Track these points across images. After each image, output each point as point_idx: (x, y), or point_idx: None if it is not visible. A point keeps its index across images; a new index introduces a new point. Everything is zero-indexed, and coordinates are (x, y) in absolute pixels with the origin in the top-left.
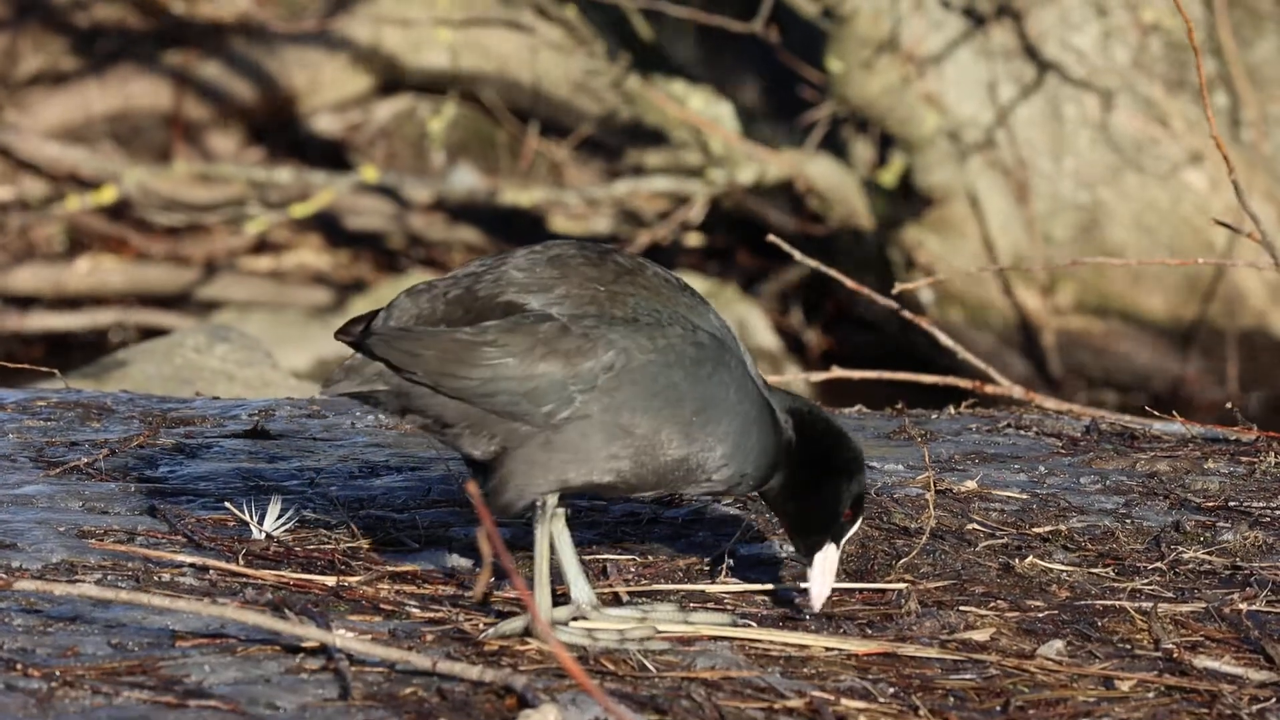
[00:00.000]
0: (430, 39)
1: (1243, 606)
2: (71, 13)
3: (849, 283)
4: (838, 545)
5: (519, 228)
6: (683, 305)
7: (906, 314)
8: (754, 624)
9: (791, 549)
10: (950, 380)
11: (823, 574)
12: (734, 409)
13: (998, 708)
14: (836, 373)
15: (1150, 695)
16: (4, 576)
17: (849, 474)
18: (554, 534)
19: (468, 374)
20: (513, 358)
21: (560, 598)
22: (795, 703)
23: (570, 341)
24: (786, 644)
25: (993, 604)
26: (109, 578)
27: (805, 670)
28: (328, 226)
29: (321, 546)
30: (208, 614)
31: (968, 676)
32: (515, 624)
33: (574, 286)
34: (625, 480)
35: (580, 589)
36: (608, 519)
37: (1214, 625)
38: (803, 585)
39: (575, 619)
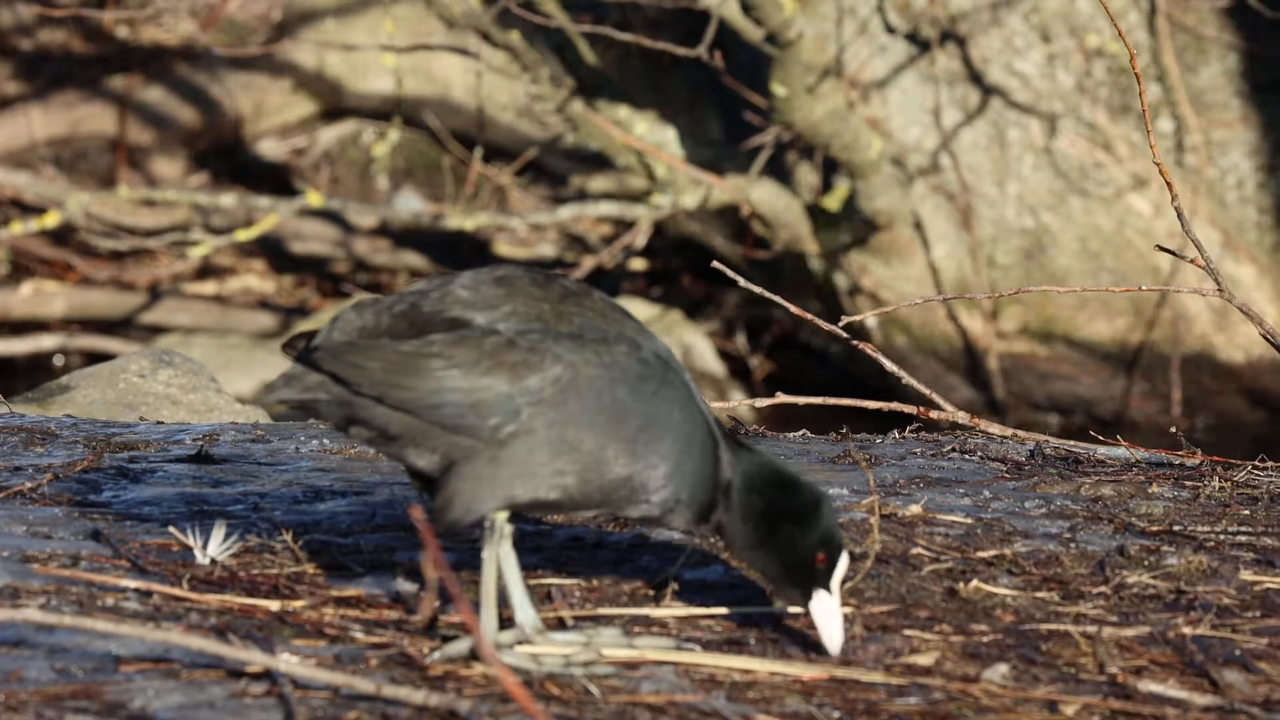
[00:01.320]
0: (375, 64)
1: (1187, 631)
2: (15, 37)
3: (794, 309)
4: (829, 590)
5: (464, 252)
6: (629, 327)
7: (851, 340)
8: (699, 648)
9: (746, 573)
10: (894, 406)
11: (827, 624)
12: (677, 428)
13: None
14: (781, 398)
15: (1095, 719)
16: None
17: (799, 520)
18: (500, 557)
19: (413, 386)
20: (458, 369)
21: (505, 621)
22: None
23: (516, 354)
24: (731, 668)
25: (937, 628)
26: (53, 602)
27: (750, 695)
28: (272, 251)
29: (266, 571)
30: (152, 639)
31: (913, 700)
32: (460, 646)
33: (520, 304)
34: (571, 497)
35: (525, 613)
36: (552, 543)
37: (1159, 649)
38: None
39: (520, 643)
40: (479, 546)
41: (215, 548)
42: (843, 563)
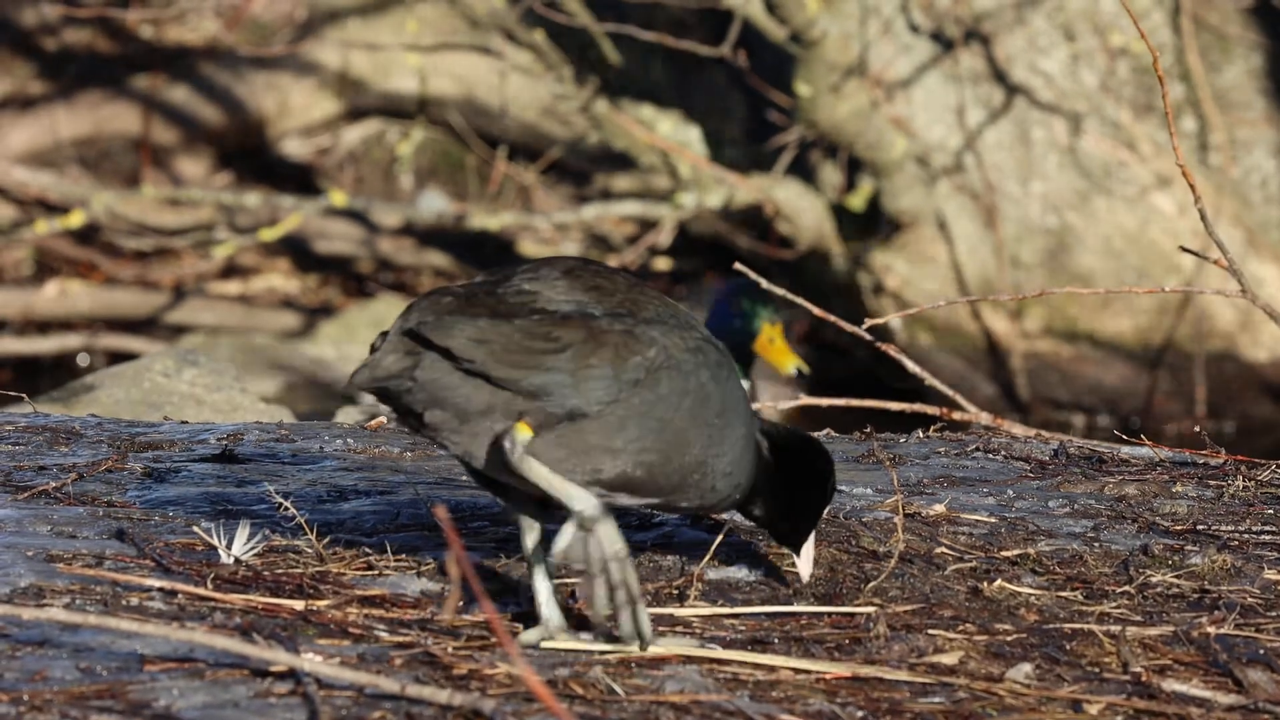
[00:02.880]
0: (399, 63)
1: (1211, 630)
2: (40, 37)
3: (816, 310)
4: (816, 531)
5: (488, 252)
6: (689, 316)
7: (874, 342)
8: (718, 647)
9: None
10: (918, 407)
11: (807, 559)
12: (743, 416)
13: None
14: (805, 399)
15: (1119, 718)
16: None
17: (823, 478)
18: (529, 554)
19: (528, 363)
20: (568, 349)
21: (532, 619)
22: None
23: (618, 336)
24: (755, 667)
25: (961, 627)
26: (77, 602)
27: (774, 694)
28: (296, 250)
29: (290, 570)
30: (176, 638)
31: (936, 700)
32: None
33: (596, 294)
34: (652, 477)
35: (551, 610)
36: None
37: (1182, 649)
38: (788, 571)
39: (544, 640)
40: (508, 543)
41: (239, 547)
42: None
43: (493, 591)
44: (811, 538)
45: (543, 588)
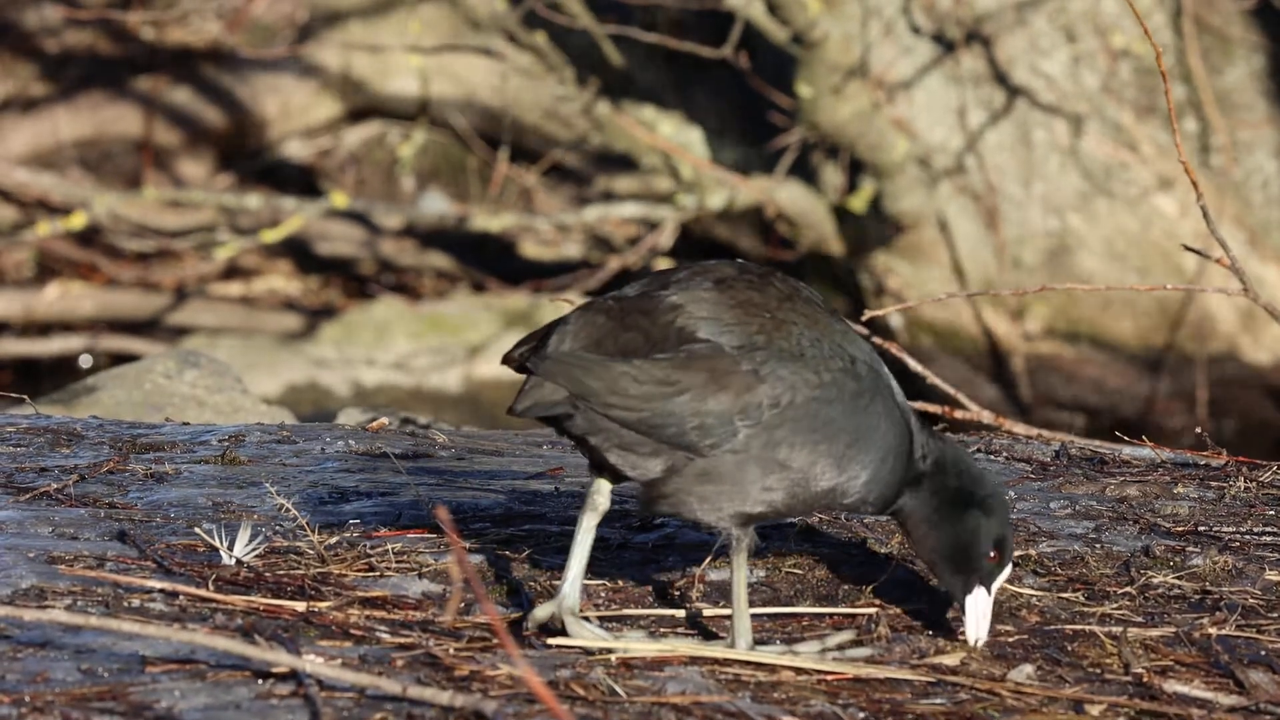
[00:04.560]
0: (400, 65)
1: (1212, 631)
2: (41, 38)
3: None
4: (988, 591)
5: (490, 253)
6: (837, 333)
7: (876, 339)
8: (720, 647)
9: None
10: (920, 406)
11: (976, 620)
12: (882, 439)
13: None
14: None
15: (1120, 719)
16: None
17: (986, 511)
18: (581, 530)
19: (640, 407)
20: (686, 393)
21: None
22: None
23: (741, 379)
24: (757, 668)
25: (963, 628)
26: (79, 603)
27: (775, 695)
28: (298, 252)
29: (291, 572)
30: (178, 639)
31: (938, 701)
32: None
33: (742, 312)
34: (775, 510)
35: (573, 590)
36: None
37: (1184, 650)
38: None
39: (553, 617)
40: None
41: (241, 548)
42: (1006, 570)
43: (494, 593)
44: (979, 596)
45: (576, 565)
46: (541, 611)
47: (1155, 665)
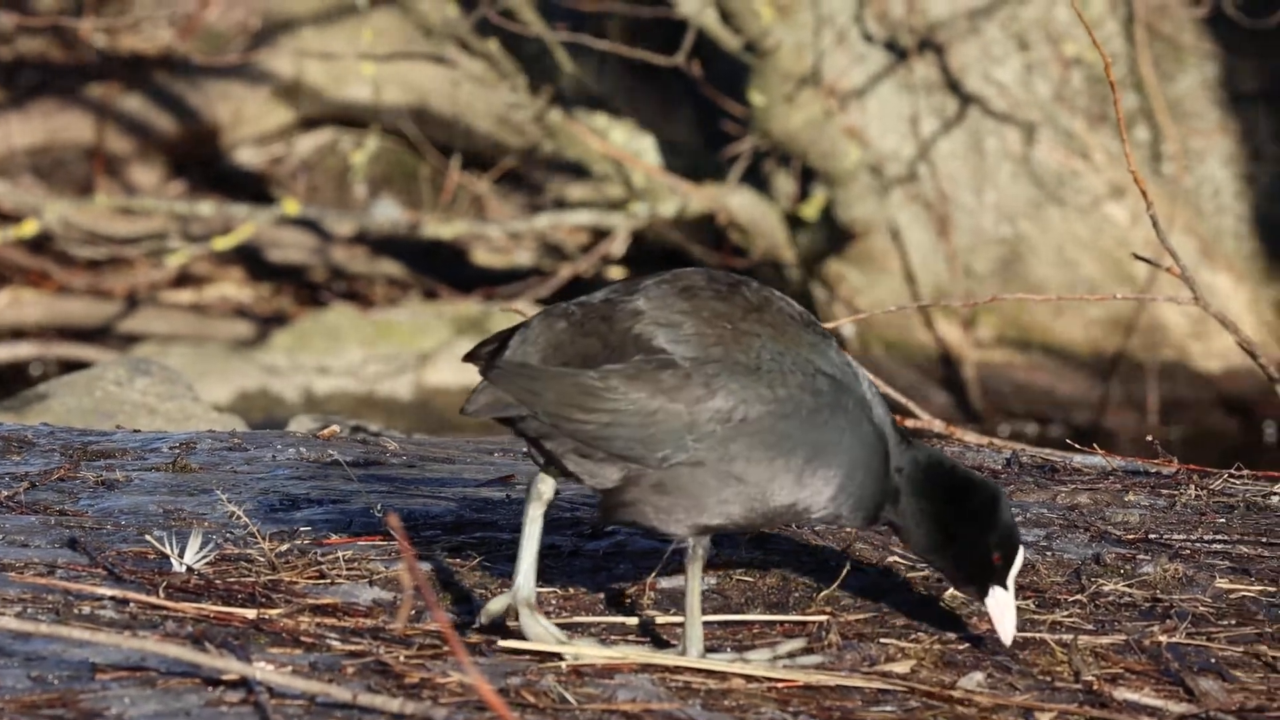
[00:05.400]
0: (353, 72)
1: (1163, 639)
2: None
3: None
4: (1005, 587)
5: (442, 260)
6: (805, 345)
7: None
8: (672, 655)
9: None
10: None
11: (1000, 616)
12: (846, 452)
13: None
14: None
15: None
16: None
17: (976, 517)
18: (529, 517)
19: (587, 418)
20: (632, 406)
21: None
22: None
23: (691, 391)
24: (708, 675)
25: (913, 636)
26: (29, 610)
27: (726, 703)
28: (250, 259)
29: (242, 579)
30: (128, 647)
31: (889, 708)
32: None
33: (702, 324)
34: (734, 523)
35: (526, 582)
36: None
37: (1134, 657)
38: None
39: (509, 610)
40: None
41: (192, 556)
42: (1019, 560)
43: (445, 600)
44: (997, 594)
45: (527, 556)
46: (496, 604)
47: (1105, 673)
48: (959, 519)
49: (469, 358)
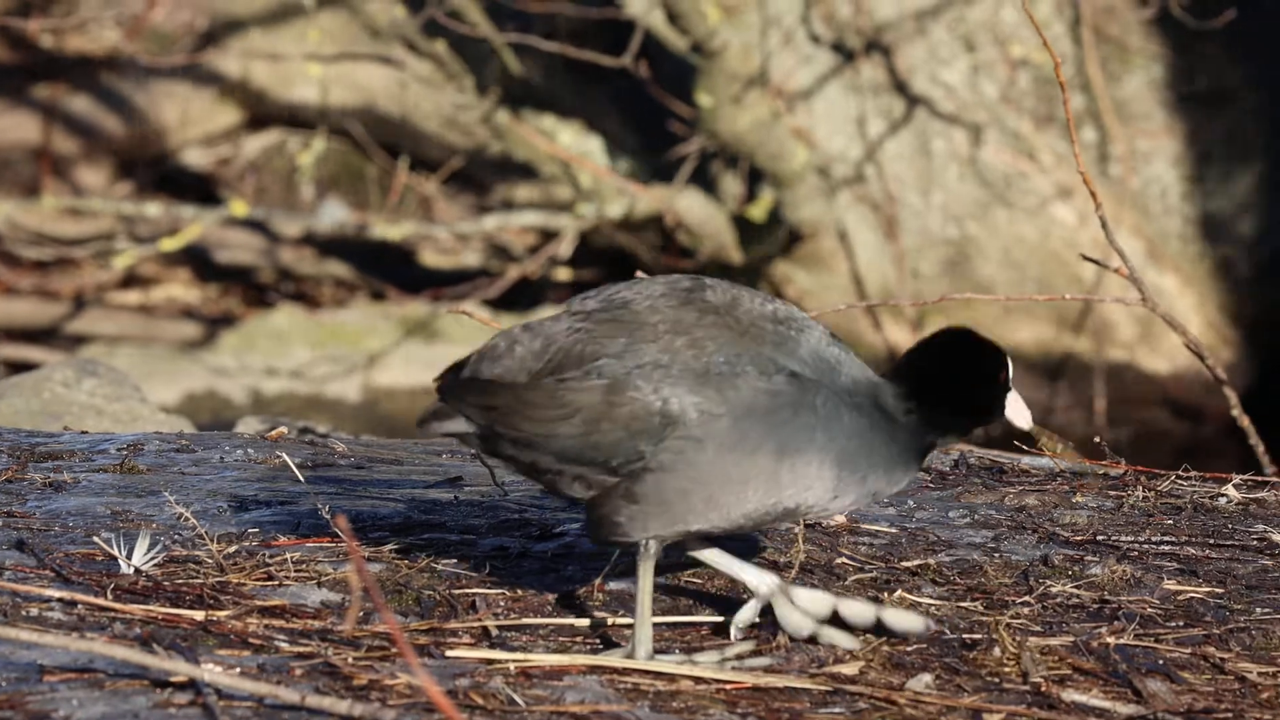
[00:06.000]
0: (300, 73)
1: (1110, 640)
2: None
3: None
4: (1011, 389)
5: (389, 262)
6: (769, 343)
7: None
8: (619, 657)
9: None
10: None
11: (1019, 413)
12: (824, 448)
13: None
14: None
15: None
16: None
17: (982, 366)
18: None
19: (535, 429)
20: (575, 416)
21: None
22: None
23: (633, 397)
24: (656, 677)
25: (861, 637)
26: None
27: (674, 704)
28: (197, 261)
29: (190, 581)
30: (76, 648)
31: (837, 710)
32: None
33: (653, 333)
34: (716, 526)
35: (752, 575)
36: (476, 552)
37: (1082, 659)
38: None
39: (767, 606)
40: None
41: (140, 557)
42: (1010, 364)
43: (393, 602)
44: (1013, 397)
45: (730, 564)
46: (746, 613)
47: (1054, 674)
48: (963, 376)
49: (437, 379)
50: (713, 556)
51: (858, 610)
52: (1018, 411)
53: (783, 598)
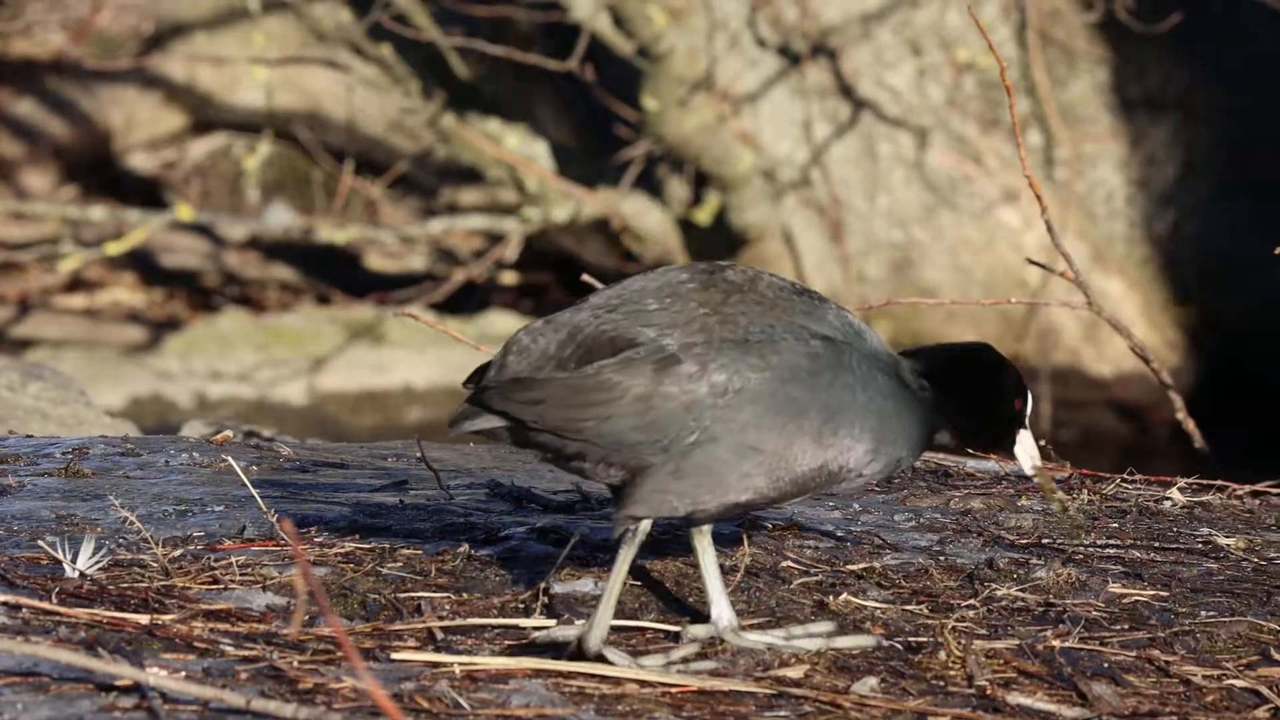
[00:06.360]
0: (245, 77)
1: (1055, 643)
2: None
3: None
4: (1026, 427)
5: (334, 265)
6: (799, 313)
7: None
8: (565, 660)
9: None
10: None
11: (1027, 455)
12: (865, 408)
13: None
14: None
15: None
16: None
17: (991, 374)
18: (699, 550)
19: (586, 416)
20: (627, 395)
21: (390, 635)
22: None
23: (682, 371)
24: (601, 680)
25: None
26: None
27: (620, 708)
28: (142, 265)
29: (135, 585)
30: (20, 652)
31: (782, 713)
32: (568, 631)
33: (683, 313)
34: (764, 495)
35: (721, 607)
36: (422, 556)
37: (1027, 662)
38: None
39: (712, 639)
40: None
41: (84, 561)
42: (1030, 399)
43: (339, 606)
44: (1022, 438)
45: (715, 583)
46: (700, 630)
47: (999, 677)
48: (980, 386)
49: (467, 383)
50: (708, 559)
51: (806, 645)
52: (1025, 452)
53: (734, 637)
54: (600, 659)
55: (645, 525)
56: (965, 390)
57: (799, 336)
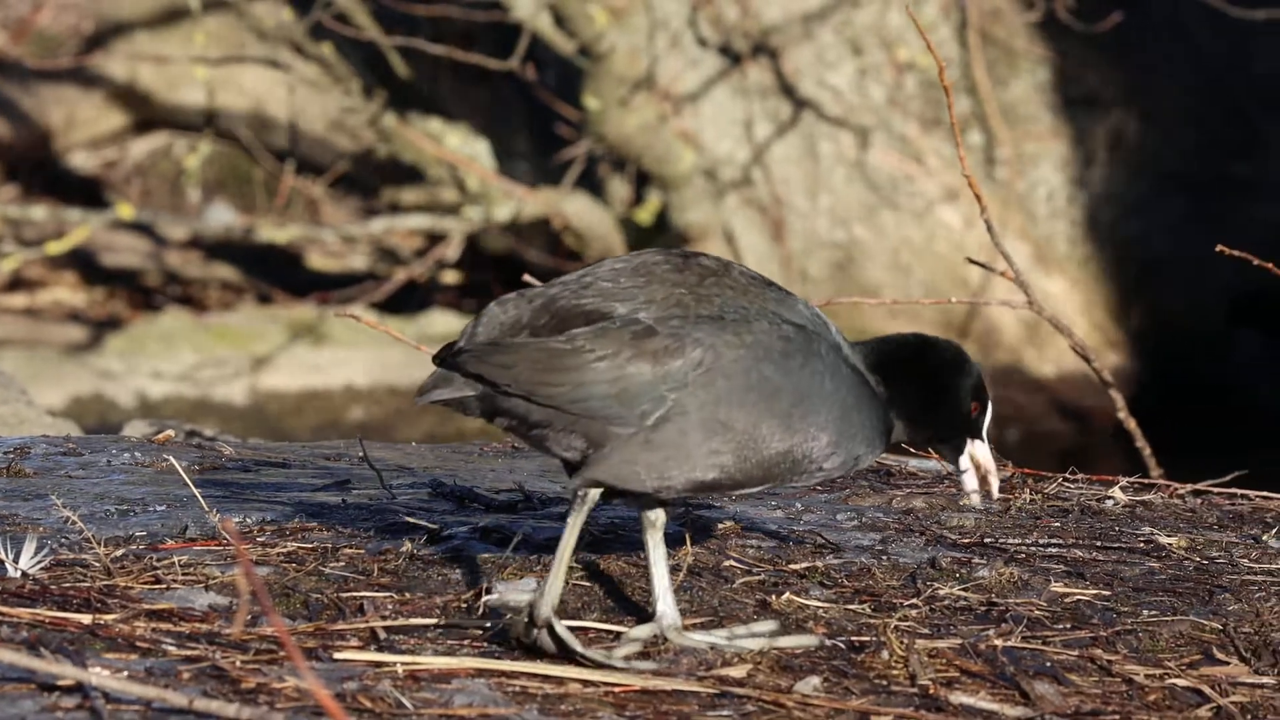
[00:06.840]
0: (186, 76)
1: (998, 643)
2: None
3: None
4: (983, 439)
5: (276, 265)
6: (770, 301)
7: None
8: (507, 660)
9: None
10: None
11: (973, 469)
12: (831, 397)
13: None
14: None
15: None
16: None
17: (949, 372)
18: (649, 546)
19: (559, 381)
20: (602, 362)
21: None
22: None
23: (658, 342)
24: (544, 680)
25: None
26: None
27: (563, 707)
28: (83, 264)
29: (78, 584)
30: None
31: (725, 713)
32: (519, 618)
33: (658, 291)
34: (730, 476)
35: (666, 605)
36: (365, 555)
37: (970, 661)
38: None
39: (655, 638)
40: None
41: (26, 561)
42: (989, 407)
43: (281, 605)
44: (976, 448)
45: (662, 581)
46: (643, 630)
47: (941, 677)
48: (936, 379)
49: (435, 358)
50: (657, 555)
51: (749, 645)
52: (972, 475)
53: (677, 636)
54: (549, 627)
55: (594, 494)
56: (918, 387)
57: (772, 320)
